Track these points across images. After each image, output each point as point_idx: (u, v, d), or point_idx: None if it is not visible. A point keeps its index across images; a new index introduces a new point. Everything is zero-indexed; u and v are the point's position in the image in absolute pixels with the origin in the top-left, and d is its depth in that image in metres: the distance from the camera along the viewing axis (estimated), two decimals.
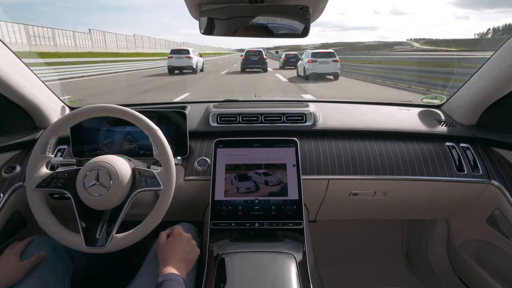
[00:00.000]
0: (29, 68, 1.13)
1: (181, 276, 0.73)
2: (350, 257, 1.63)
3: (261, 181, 1.01)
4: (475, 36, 67.06)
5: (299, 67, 14.88)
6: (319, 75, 13.03)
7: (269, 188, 1.00)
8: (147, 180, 0.84)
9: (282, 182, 1.01)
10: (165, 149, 0.84)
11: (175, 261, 0.78)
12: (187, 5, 0.86)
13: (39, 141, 0.84)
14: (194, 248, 0.85)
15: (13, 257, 0.82)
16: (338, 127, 1.23)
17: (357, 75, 14.42)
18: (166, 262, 0.77)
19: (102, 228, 0.82)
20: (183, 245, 0.83)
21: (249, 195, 0.99)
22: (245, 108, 1.29)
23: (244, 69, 16.91)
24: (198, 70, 16.43)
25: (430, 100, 1.44)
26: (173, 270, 0.74)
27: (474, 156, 1.15)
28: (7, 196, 1.03)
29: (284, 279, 0.79)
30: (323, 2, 0.86)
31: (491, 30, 74.50)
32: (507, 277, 1.10)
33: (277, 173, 1.02)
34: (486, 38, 54.82)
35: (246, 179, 1.01)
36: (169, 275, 0.72)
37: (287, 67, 19.58)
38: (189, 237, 0.86)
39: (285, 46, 65.23)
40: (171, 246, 0.82)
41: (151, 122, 0.86)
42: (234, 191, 1.00)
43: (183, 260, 0.80)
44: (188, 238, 0.86)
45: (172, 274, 0.73)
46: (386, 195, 1.18)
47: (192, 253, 0.84)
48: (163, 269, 0.75)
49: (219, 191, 1.00)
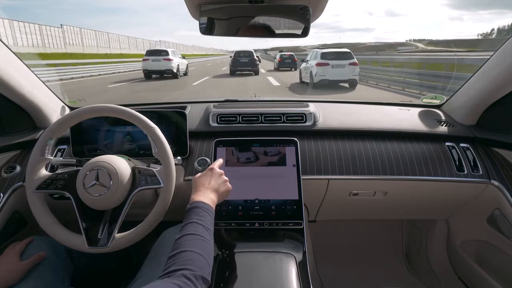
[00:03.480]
0: (29, 68, 1.13)
1: (208, 204, 0.75)
2: (350, 257, 1.63)
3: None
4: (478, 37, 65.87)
5: (303, 71, 11.56)
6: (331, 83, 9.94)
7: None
8: (147, 178, 0.84)
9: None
10: (164, 148, 0.84)
11: (205, 189, 0.80)
12: (187, 5, 0.86)
13: (38, 143, 0.84)
14: (226, 183, 0.86)
15: (13, 257, 0.82)
16: (338, 127, 1.23)
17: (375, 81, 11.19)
18: (196, 190, 0.80)
19: (103, 228, 0.82)
20: (215, 178, 0.84)
21: (248, 194, 0.99)
22: (245, 108, 1.29)
23: (234, 71, 15.22)
24: (179, 74, 14.17)
25: (430, 100, 1.44)
26: (201, 197, 0.76)
27: (474, 156, 1.15)
28: (7, 196, 1.03)
29: (284, 279, 0.79)
30: (323, 2, 0.86)
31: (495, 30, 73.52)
32: (507, 277, 1.10)
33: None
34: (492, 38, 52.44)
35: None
36: (197, 202, 0.74)
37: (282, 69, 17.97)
38: (221, 172, 0.87)
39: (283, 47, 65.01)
40: (203, 178, 0.83)
41: (150, 120, 0.86)
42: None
43: (214, 190, 0.81)
44: (220, 173, 0.86)
45: (199, 202, 0.74)
46: (386, 195, 1.18)
47: (224, 186, 0.85)
48: (193, 196, 0.77)
49: None
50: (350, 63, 9.77)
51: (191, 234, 0.65)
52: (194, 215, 0.70)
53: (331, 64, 9.72)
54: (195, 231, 0.66)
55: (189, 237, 0.65)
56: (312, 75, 10.09)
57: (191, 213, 0.71)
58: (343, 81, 10.18)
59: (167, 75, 13.66)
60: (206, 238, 0.66)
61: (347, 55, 10.00)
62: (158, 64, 13.44)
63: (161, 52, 13.86)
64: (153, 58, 13.49)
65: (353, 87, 10.01)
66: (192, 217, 0.70)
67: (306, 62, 11.25)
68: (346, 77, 9.96)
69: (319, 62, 9.84)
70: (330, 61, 9.77)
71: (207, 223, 0.70)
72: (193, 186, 0.83)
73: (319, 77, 9.78)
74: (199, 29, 0.89)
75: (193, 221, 0.69)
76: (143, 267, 0.89)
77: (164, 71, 13.64)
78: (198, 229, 0.67)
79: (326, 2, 0.86)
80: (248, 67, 15.24)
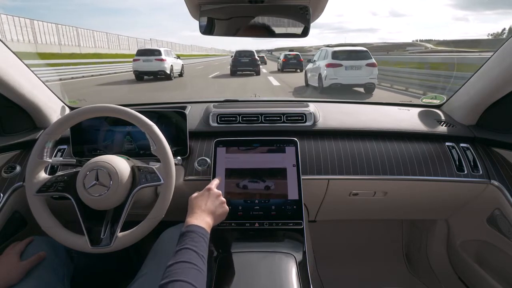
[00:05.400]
0: (29, 68, 1.13)
1: (203, 228, 0.73)
2: (350, 257, 1.63)
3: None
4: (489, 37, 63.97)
5: (308, 72, 10.04)
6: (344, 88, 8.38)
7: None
8: (147, 176, 0.84)
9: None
10: (162, 144, 0.84)
11: (201, 212, 0.78)
12: (187, 5, 0.86)
13: (36, 147, 0.84)
14: (223, 205, 0.85)
15: (13, 257, 0.82)
16: (338, 127, 1.23)
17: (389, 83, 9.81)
18: (192, 212, 0.78)
19: (106, 228, 0.82)
20: (212, 199, 0.83)
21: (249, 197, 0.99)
22: (245, 108, 1.29)
23: (235, 71, 14.90)
24: (173, 76, 13.12)
25: (430, 100, 1.44)
26: (197, 221, 0.74)
27: (474, 156, 1.15)
28: (7, 196, 1.03)
29: (284, 279, 0.79)
30: (323, 2, 0.86)
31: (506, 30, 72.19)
32: (507, 277, 1.10)
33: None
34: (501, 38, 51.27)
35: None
36: (192, 226, 0.72)
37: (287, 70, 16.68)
38: (219, 193, 0.86)
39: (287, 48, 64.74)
40: (199, 199, 0.82)
41: (146, 118, 0.86)
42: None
43: (210, 212, 0.80)
44: (218, 193, 0.85)
45: (194, 225, 0.72)
46: (386, 195, 1.18)
47: (221, 208, 0.83)
48: (188, 219, 0.75)
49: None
50: (367, 63, 8.08)
51: (184, 262, 0.63)
52: (188, 240, 0.68)
53: (344, 65, 8.09)
54: (189, 259, 0.64)
55: (182, 265, 0.63)
56: (321, 77, 8.51)
57: (186, 238, 0.69)
58: (358, 85, 8.50)
59: (160, 76, 12.72)
60: (200, 267, 0.64)
61: (364, 54, 8.33)
62: (150, 64, 12.49)
63: (153, 52, 12.88)
64: (144, 58, 12.46)
65: (369, 93, 8.34)
66: (187, 243, 0.68)
67: (313, 62, 9.76)
68: (362, 81, 8.25)
69: (330, 63, 8.20)
70: (343, 62, 8.13)
71: (202, 249, 0.68)
72: (189, 206, 0.81)
73: (330, 81, 8.18)
74: (199, 29, 0.89)
75: (187, 247, 0.66)
76: (143, 267, 0.89)
77: (157, 72, 12.69)
78: (192, 256, 0.65)
79: (326, 2, 0.86)
80: (249, 67, 14.99)
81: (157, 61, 12.53)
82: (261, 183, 1.01)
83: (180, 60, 14.95)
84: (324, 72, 8.39)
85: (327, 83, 8.30)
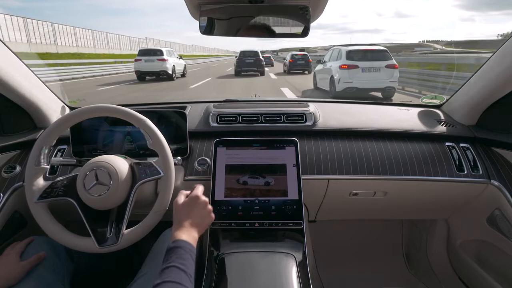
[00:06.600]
0: (29, 68, 1.13)
1: (191, 244, 0.72)
2: (350, 257, 1.63)
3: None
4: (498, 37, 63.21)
5: (318, 74, 9.08)
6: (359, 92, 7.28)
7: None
8: (146, 170, 0.85)
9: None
10: (157, 137, 0.85)
11: (189, 225, 0.76)
12: (187, 5, 0.86)
13: (32, 154, 0.84)
14: (209, 214, 0.83)
15: (13, 257, 0.82)
16: (338, 127, 1.23)
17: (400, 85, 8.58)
18: (179, 225, 0.76)
19: (111, 227, 0.82)
20: (199, 209, 0.80)
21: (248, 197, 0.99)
22: (245, 108, 1.29)
23: (239, 72, 14.96)
24: (175, 76, 13.12)
25: (430, 100, 1.44)
26: (184, 235, 0.73)
27: (474, 156, 1.15)
28: (7, 196, 1.03)
29: (284, 279, 0.79)
30: (323, 2, 0.86)
31: None
32: (507, 277, 1.10)
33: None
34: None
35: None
36: (179, 242, 0.71)
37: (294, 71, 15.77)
38: (206, 201, 0.83)
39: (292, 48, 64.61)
40: (187, 209, 0.79)
41: (138, 113, 0.86)
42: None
43: (197, 225, 0.78)
44: (205, 202, 0.83)
45: (181, 241, 0.71)
46: (386, 195, 1.18)
47: (207, 218, 0.82)
48: (176, 232, 0.74)
49: (219, 191, 0.99)
50: (387, 65, 7.12)
51: (172, 282, 0.62)
52: (175, 257, 0.67)
53: (361, 66, 7.13)
54: (176, 279, 0.63)
55: (170, 285, 0.61)
56: (333, 80, 7.54)
57: (173, 255, 0.67)
58: (376, 89, 7.51)
59: (162, 76, 12.73)
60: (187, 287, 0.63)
61: (382, 54, 7.32)
62: (152, 64, 12.51)
63: (155, 52, 12.86)
64: (146, 58, 12.49)
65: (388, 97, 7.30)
66: (174, 260, 0.66)
67: (323, 63, 8.76)
68: (381, 84, 7.23)
69: (345, 64, 7.23)
70: (359, 63, 7.16)
71: (189, 267, 0.67)
72: (175, 213, 0.79)
73: (345, 84, 7.21)
74: (199, 29, 0.89)
75: (174, 265, 0.65)
76: (143, 267, 0.89)
77: (159, 73, 12.68)
78: (180, 276, 0.63)
79: (326, 2, 0.86)
80: (254, 68, 15.03)
81: (159, 61, 12.52)
82: (261, 179, 1.01)
83: (182, 61, 15.04)
84: (337, 74, 7.44)
85: (340, 86, 7.32)
